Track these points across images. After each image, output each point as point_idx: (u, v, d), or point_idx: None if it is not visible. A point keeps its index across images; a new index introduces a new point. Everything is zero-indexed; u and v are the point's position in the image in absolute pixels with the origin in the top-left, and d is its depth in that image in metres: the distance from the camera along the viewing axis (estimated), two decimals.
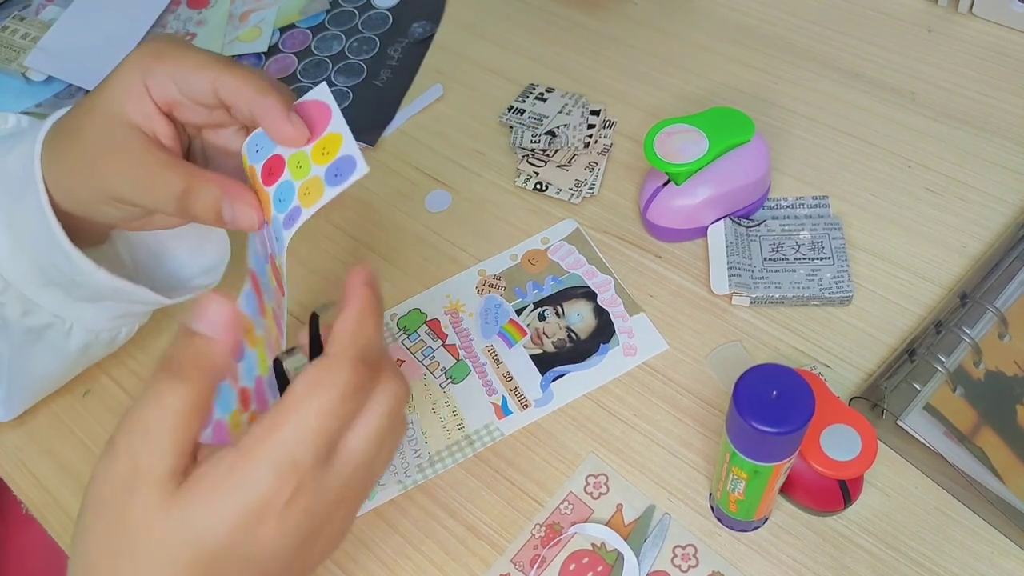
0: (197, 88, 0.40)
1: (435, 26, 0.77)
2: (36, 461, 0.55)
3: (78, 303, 0.49)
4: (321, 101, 0.40)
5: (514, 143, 0.65)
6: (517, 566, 0.47)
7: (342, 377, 0.33)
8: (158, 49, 0.41)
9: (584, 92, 0.68)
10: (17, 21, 0.80)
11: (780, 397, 0.36)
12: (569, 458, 0.50)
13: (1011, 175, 0.59)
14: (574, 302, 0.57)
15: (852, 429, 0.43)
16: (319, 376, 0.33)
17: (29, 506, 0.53)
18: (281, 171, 0.40)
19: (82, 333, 0.51)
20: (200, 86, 0.40)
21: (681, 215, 0.56)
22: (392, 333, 0.57)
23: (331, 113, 0.40)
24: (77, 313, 0.49)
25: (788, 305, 0.54)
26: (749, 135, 0.54)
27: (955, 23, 0.68)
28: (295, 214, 0.39)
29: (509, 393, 0.53)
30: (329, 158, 0.39)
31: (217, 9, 0.81)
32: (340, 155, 0.39)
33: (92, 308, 0.49)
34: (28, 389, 0.54)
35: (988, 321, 0.50)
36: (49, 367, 0.53)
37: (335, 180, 0.38)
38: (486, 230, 0.61)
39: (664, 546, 0.47)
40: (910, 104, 0.64)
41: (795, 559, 0.46)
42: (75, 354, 0.52)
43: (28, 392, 0.54)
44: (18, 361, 0.51)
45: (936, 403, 0.47)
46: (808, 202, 0.58)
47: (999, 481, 0.45)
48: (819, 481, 0.44)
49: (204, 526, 0.31)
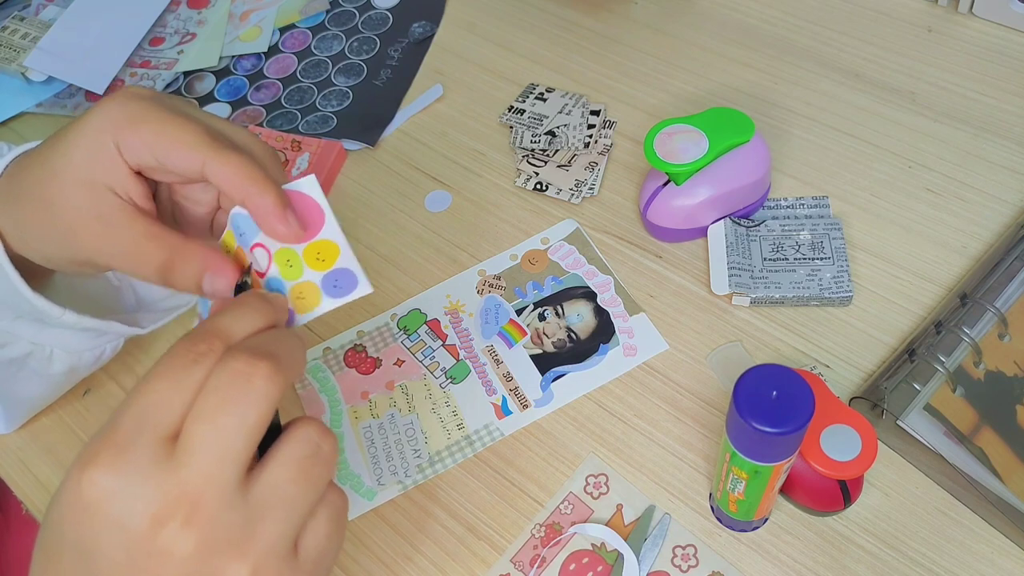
0: (180, 167, 0.37)
1: (435, 26, 0.77)
2: (37, 461, 0.55)
3: (54, 330, 0.47)
4: (311, 197, 0.37)
5: (514, 143, 0.65)
6: (517, 566, 0.47)
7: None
8: (133, 115, 0.37)
9: (584, 92, 0.68)
10: (17, 21, 0.80)
11: (780, 397, 0.36)
12: (569, 458, 0.50)
13: (1011, 175, 0.59)
14: (574, 302, 0.57)
15: (852, 429, 0.43)
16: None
17: (29, 506, 0.53)
18: (268, 264, 0.37)
19: (64, 357, 0.50)
20: (184, 165, 0.37)
21: (681, 215, 0.56)
22: (392, 333, 0.57)
23: (324, 216, 0.37)
24: (55, 340, 0.48)
25: (788, 305, 0.54)
26: (749, 135, 0.54)
27: (955, 23, 0.68)
28: (289, 318, 0.36)
29: (509, 393, 0.53)
30: (325, 266, 0.36)
31: (217, 9, 0.81)
32: (338, 266, 0.36)
33: (69, 334, 0.48)
34: (22, 408, 0.54)
35: (988, 321, 0.50)
36: (38, 390, 0.53)
37: (335, 292, 0.36)
38: (486, 230, 0.61)
39: (664, 546, 0.47)
40: (910, 104, 0.64)
41: (795, 559, 0.46)
42: (61, 376, 0.51)
43: (23, 410, 0.55)
44: (6, 388, 0.51)
45: (936, 403, 0.47)
46: (808, 202, 0.59)
47: (999, 481, 0.45)
48: (819, 481, 0.44)
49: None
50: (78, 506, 0.29)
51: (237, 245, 0.38)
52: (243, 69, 0.76)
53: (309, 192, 0.37)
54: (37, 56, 0.76)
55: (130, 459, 0.29)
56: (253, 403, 0.29)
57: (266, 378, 0.30)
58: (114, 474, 0.28)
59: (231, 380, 0.29)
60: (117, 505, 0.28)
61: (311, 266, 0.36)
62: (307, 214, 0.36)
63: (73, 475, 0.29)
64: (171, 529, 0.28)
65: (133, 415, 0.29)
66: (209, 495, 0.29)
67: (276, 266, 0.36)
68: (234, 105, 0.73)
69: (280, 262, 0.36)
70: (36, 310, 0.44)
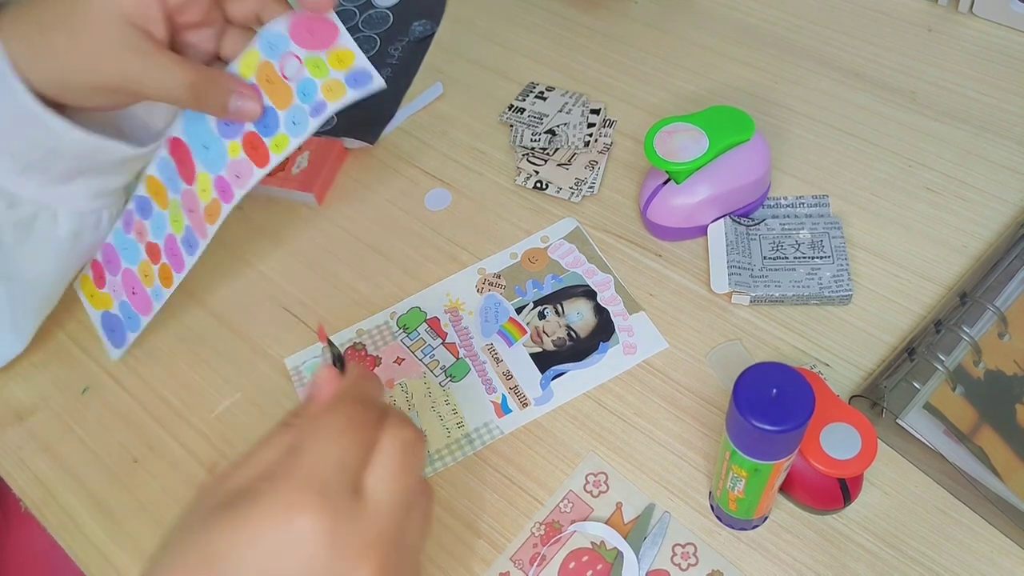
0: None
1: (435, 25, 0.77)
2: (35, 458, 0.54)
3: (57, 186, 0.50)
4: (324, 18, 0.46)
5: (514, 142, 0.65)
6: (517, 564, 0.47)
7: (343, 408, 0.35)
8: None
9: (584, 91, 0.68)
10: None
11: (780, 395, 0.36)
12: (569, 456, 0.50)
13: (1011, 175, 0.59)
14: (574, 301, 0.57)
15: (852, 428, 0.43)
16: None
17: (28, 504, 0.53)
18: (298, 68, 0.47)
19: (68, 218, 0.52)
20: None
21: (681, 214, 0.56)
22: (392, 331, 0.57)
23: (338, 29, 0.46)
24: (58, 196, 0.50)
25: (788, 304, 0.54)
26: (749, 134, 0.54)
27: (955, 23, 0.68)
28: (320, 107, 0.47)
29: (509, 391, 0.53)
30: (345, 66, 0.46)
31: None
32: (356, 67, 0.46)
33: (71, 188, 0.50)
34: (32, 301, 0.55)
35: (988, 320, 0.50)
36: (45, 265, 0.53)
37: (355, 85, 0.46)
38: (486, 228, 0.61)
39: (664, 544, 0.47)
40: (910, 104, 0.64)
41: (795, 558, 0.46)
42: (66, 243, 0.53)
43: (33, 305, 0.56)
44: (15, 265, 0.52)
45: (936, 402, 0.47)
46: (808, 201, 0.59)
47: (999, 480, 0.45)
48: (819, 480, 0.44)
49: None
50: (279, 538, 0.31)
51: (264, 60, 0.48)
52: None
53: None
54: None
55: (332, 504, 0.32)
56: (421, 465, 0.36)
57: (424, 444, 0.37)
58: (319, 516, 0.31)
59: (407, 448, 0.35)
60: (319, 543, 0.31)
61: (334, 67, 0.47)
62: (323, 30, 0.47)
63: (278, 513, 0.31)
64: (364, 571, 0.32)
65: (327, 464, 0.33)
66: (391, 542, 0.33)
67: (307, 68, 0.47)
68: None
69: (310, 66, 0.47)
70: (46, 136, 0.46)
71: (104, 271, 0.57)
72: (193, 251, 0.53)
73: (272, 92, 0.48)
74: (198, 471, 0.53)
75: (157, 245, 0.54)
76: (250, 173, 0.50)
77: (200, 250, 0.53)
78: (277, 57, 0.48)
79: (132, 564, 0.50)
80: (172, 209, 0.53)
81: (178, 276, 0.54)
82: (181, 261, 0.54)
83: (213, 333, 0.59)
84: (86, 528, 0.51)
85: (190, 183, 0.52)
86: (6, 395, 0.58)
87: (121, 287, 0.57)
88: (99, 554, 0.50)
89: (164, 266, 0.54)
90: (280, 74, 0.48)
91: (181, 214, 0.53)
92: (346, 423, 0.34)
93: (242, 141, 0.50)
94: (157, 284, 0.55)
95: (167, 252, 0.54)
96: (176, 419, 0.55)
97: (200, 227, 0.52)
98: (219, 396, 0.56)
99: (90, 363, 0.59)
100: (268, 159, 0.49)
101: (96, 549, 0.51)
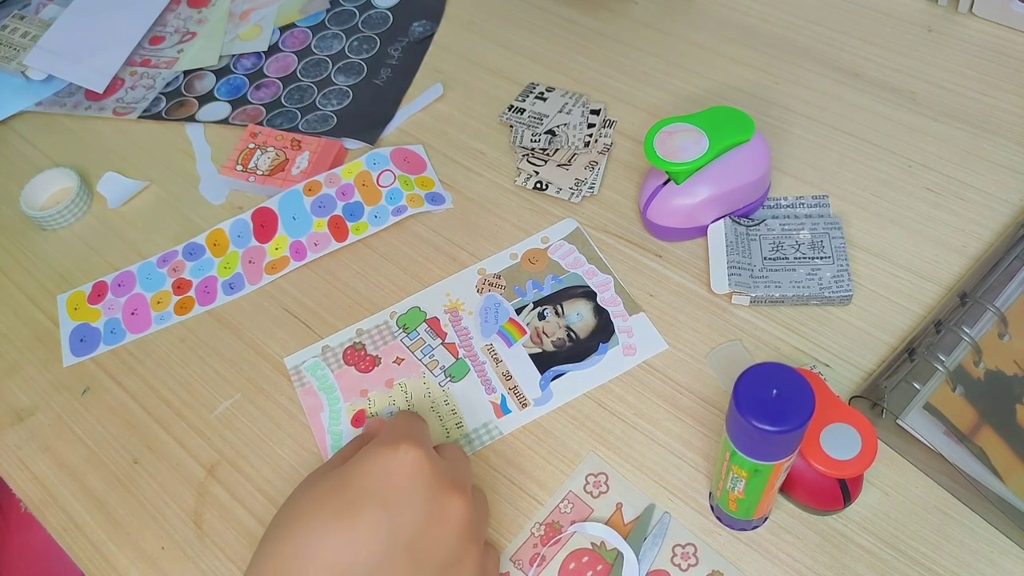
0: None
1: (435, 25, 0.77)
2: (35, 459, 0.55)
3: None
4: (417, 153, 0.66)
5: (514, 142, 0.65)
6: (517, 565, 0.47)
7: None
8: None
9: (584, 91, 0.68)
10: (17, 20, 0.80)
11: (780, 396, 0.36)
12: (569, 457, 0.50)
13: (1011, 175, 0.59)
14: (574, 301, 0.57)
15: (852, 428, 0.43)
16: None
17: (28, 504, 0.53)
18: (392, 182, 0.62)
19: None
20: None
21: (681, 214, 0.56)
22: (392, 331, 0.57)
23: (426, 163, 0.65)
24: None
25: (788, 304, 0.54)
26: (749, 134, 0.54)
27: (955, 23, 0.68)
28: (402, 209, 0.61)
29: (508, 392, 0.53)
30: (427, 188, 0.63)
31: (217, 8, 0.81)
32: (435, 191, 0.64)
33: None
34: None
35: (988, 320, 0.50)
36: None
37: (432, 202, 0.62)
38: (486, 229, 0.61)
39: (664, 545, 0.47)
40: (910, 104, 0.64)
41: (795, 558, 0.46)
42: None
43: None
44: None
45: (936, 402, 0.47)
46: (808, 201, 0.58)
47: (999, 480, 0.45)
48: (819, 480, 0.44)
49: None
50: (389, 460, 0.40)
51: (364, 169, 0.63)
52: (243, 68, 0.76)
53: (419, 152, 0.66)
54: (37, 55, 0.76)
55: (424, 445, 0.42)
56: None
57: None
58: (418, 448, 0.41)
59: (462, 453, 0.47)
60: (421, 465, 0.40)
61: (419, 187, 0.63)
62: (416, 161, 0.65)
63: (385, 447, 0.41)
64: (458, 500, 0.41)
65: (409, 426, 0.44)
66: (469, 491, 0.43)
67: (398, 183, 0.62)
68: (234, 104, 0.73)
69: (401, 182, 0.62)
70: None
71: (108, 291, 0.61)
72: (234, 292, 0.60)
73: (364, 193, 0.62)
74: (198, 471, 0.53)
75: (190, 282, 0.61)
76: (327, 243, 0.61)
77: (242, 292, 0.60)
78: (376, 170, 0.63)
79: (132, 565, 0.50)
80: (227, 259, 0.62)
81: (201, 308, 0.60)
82: (214, 297, 0.60)
83: (213, 333, 0.59)
84: (86, 528, 0.51)
85: (263, 242, 0.62)
86: (6, 395, 0.58)
87: (121, 306, 0.61)
88: (99, 554, 0.50)
89: (188, 299, 0.61)
90: (375, 182, 0.62)
91: (237, 264, 0.61)
92: (408, 416, 0.45)
93: (328, 221, 0.61)
94: (169, 311, 0.60)
95: (199, 289, 0.61)
96: (176, 419, 0.55)
97: (255, 275, 0.61)
98: (219, 396, 0.56)
99: (90, 363, 0.59)
100: (347, 237, 0.61)
101: (96, 549, 0.51)
